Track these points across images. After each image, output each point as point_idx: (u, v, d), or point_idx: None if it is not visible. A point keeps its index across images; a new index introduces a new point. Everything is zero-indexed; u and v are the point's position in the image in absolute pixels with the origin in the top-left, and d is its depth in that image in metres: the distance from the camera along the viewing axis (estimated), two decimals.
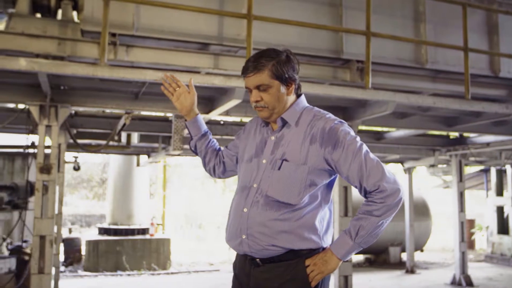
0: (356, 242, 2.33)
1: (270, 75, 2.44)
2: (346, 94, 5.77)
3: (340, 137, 2.37)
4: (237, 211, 2.50)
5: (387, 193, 2.29)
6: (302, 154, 2.40)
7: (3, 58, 4.54)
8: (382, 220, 2.30)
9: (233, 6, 6.08)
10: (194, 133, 2.85)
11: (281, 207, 2.39)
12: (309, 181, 2.39)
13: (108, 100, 5.92)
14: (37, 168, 5.38)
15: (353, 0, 6.66)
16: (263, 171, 2.47)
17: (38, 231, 5.31)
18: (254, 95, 2.48)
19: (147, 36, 5.70)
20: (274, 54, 2.50)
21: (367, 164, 2.33)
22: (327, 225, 2.49)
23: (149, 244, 13.04)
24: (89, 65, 4.85)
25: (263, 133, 2.60)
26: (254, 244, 2.41)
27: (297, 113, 2.51)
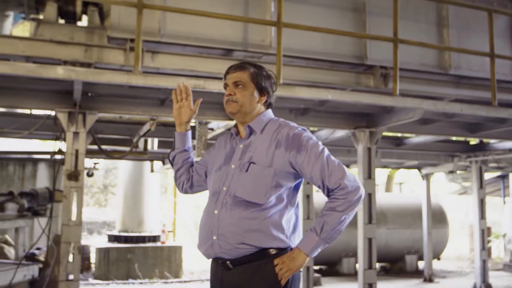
0: (322, 237, 2.52)
1: (249, 77, 2.74)
2: (375, 101, 5.94)
3: (303, 142, 2.62)
4: (208, 214, 2.70)
5: (348, 190, 2.51)
6: (268, 158, 2.64)
7: (41, 66, 4.72)
8: (344, 215, 2.50)
9: (258, 12, 6.25)
10: (177, 146, 3.04)
11: (249, 207, 2.59)
12: (275, 182, 2.61)
13: (134, 107, 6.10)
14: (64, 174, 5.55)
15: (377, 6, 6.84)
16: (232, 175, 2.69)
17: (66, 238, 5.48)
18: (229, 89, 2.75)
19: (172, 42, 5.89)
20: (257, 66, 2.83)
21: (328, 165, 2.56)
22: (293, 227, 2.68)
23: (160, 251, 13.19)
24: (124, 73, 5.03)
25: (232, 144, 2.84)
26: (225, 244, 2.58)
27: (263, 122, 2.77)
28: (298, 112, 6.93)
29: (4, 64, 4.58)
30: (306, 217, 9.19)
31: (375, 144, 7.06)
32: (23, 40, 5.45)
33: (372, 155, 7.01)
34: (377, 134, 7.00)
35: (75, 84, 5.01)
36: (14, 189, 10.75)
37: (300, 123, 7.02)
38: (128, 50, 5.64)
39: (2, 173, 11.81)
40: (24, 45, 5.40)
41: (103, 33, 5.77)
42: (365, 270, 6.81)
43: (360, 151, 7.05)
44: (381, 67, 6.70)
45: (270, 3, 6.25)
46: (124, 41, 5.76)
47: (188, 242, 17.44)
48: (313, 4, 6.49)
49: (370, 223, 6.89)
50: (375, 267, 6.83)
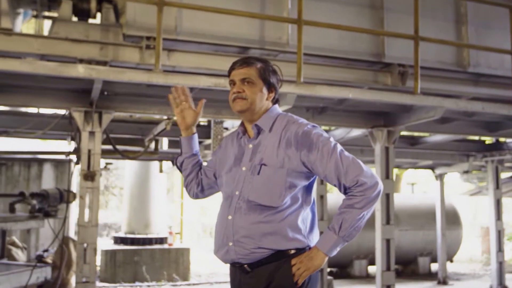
0: (340, 236, 2.50)
1: (257, 73, 2.69)
2: (395, 100, 5.99)
3: (314, 139, 2.57)
4: (222, 220, 2.69)
5: (366, 186, 2.47)
6: (279, 158, 2.60)
7: (62, 65, 4.78)
8: (363, 212, 2.48)
9: (274, 9, 6.31)
10: (185, 151, 3.01)
11: (264, 210, 2.57)
12: (288, 183, 2.58)
13: (150, 106, 6.16)
14: (80, 175, 5.60)
15: (394, 2, 6.88)
16: (244, 177, 2.67)
17: (82, 239, 5.54)
18: (237, 86, 2.69)
19: (188, 40, 5.94)
20: (263, 60, 2.79)
21: (343, 161, 2.52)
22: (310, 225, 2.67)
23: (167, 254, 13.22)
24: (145, 72, 5.09)
25: (240, 143, 2.79)
26: (241, 250, 2.58)
27: (271, 119, 2.72)
28: (315, 111, 6.99)
29: (24, 63, 4.63)
30: (320, 218, 9.24)
31: (393, 143, 7.11)
32: (38, 38, 5.51)
33: (390, 155, 7.06)
34: (395, 133, 7.06)
35: (95, 83, 5.07)
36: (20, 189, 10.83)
37: (317, 122, 7.09)
38: (144, 48, 5.69)
39: (7, 174, 11.86)
40: (38, 43, 5.45)
41: (118, 30, 5.82)
42: (383, 272, 6.86)
43: (377, 150, 7.11)
44: (398, 65, 6.74)
45: (287, 0, 6.30)
46: (140, 38, 5.82)
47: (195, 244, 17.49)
48: (330, 1, 6.54)
49: (388, 224, 6.95)
50: (393, 269, 6.88)
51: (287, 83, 5.57)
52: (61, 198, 7.54)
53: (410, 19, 6.73)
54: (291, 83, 5.55)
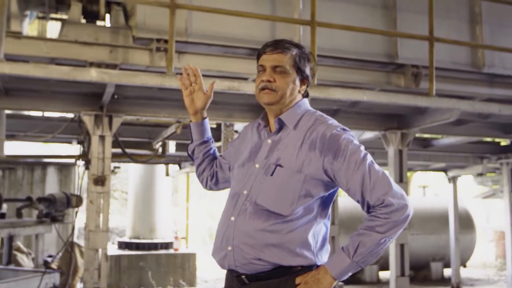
0: (354, 261, 2.24)
1: (291, 63, 2.43)
2: (411, 102, 6.08)
3: (342, 145, 2.31)
4: (224, 220, 2.46)
5: (393, 208, 2.22)
6: (299, 161, 2.35)
7: (74, 69, 4.88)
8: (385, 237, 2.22)
9: (286, 10, 6.41)
10: (195, 138, 2.79)
11: (271, 217, 2.34)
12: (304, 191, 2.34)
13: (160, 109, 6.26)
14: (91, 179, 5.71)
15: (407, 2, 6.98)
16: (255, 176, 2.43)
17: (93, 244, 5.64)
18: (267, 74, 2.41)
19: (199, 42, 6.05)
20: (298, 46, 2.52)
21: (371, 176, 2.26)
22: (322, 241, 2.43)
23: (173, 259, 13.31)
24: (158, 75, 5.19)
25: (259, 135, 2.57)
26: (239, 257, 2.35)
27: (297, 115, 2.47)
28: (327, 113, 7.04)
29: (37, 67, 4.74)
30: (331, 222, 9.30)
31: (407, 146, 7.20)
32: (47, 41, 5.63)
33: (404, 158, 7.15)
34: (409, 136, 7.14)
35: (108, 87, 5.17)
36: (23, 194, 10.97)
37: None
38: (155, 50, 5.80)
39: (10, 178, 12.00)
40: (48, 46, 5.58)
41: (128, 33, 5.94)
42: (398, 277, 6.94)
43: (391, 153, 7.19)
44: (412, 66, 6.83)
45: (298, 1, 6.40)
46: (149, 41, 5.94)
47: (201, 249, 17.57)
48: (342, 1, 6.63)
49: None
50: (407, 274, 6.96)
51: None
52: (68, 202, 7.66)
53: (423, 18, 6.82)
54: None
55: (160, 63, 5.86)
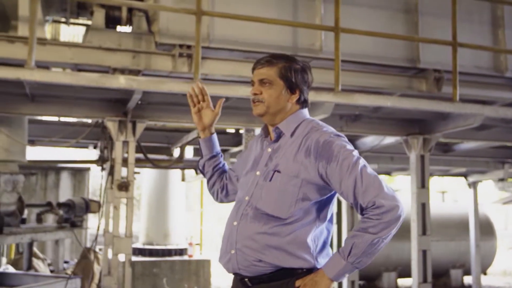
0: (349, 262, 2.39)
1: (277, 73, 2.61)
2: (434, 108, 6.24)
3: (334, 151, 2.46)
4: (228, 226, 2.64)
5: (384, 210, 2.35)
6: (295, 166, 2.52)
7: (103, 76, 5.09)
8: (377, 238, 2.36)
9: (307, 15, 6.58)
10: (205, 153, 2.98)
11: (270, 221, 2.50)
12: (302, 194, 2.50)
13: (183, 115, 6.45)
14: (115, 185, 5.91)
15: (429, 6, 7.12)
16: (256, 183, 2.62)
17: (117, 250, 5.83)
18: (255, 88, 2.64)
19: (220, 47, 6.23)
20: (290, 59, 2.70)
21: (363, 179, 2.41)
22: (322, 244, 2.57)
23: (188, 265, 13.43)
24: (184, 82, 5.40)
25: (261, 145, 2.76)
26: (242, 260, 2.51)
27: (294, 123, 2.64)
28: (349, 118, 7.25)
29: (66, 74, 4.97)
30: (351, 228, 9.50)
31: (429, 151, 7.34)
32: (71, 47, 5.83)
33: (426, 163, 7.30)
34: (431, 141, 7.29)
35: (135, 94, 5.36)
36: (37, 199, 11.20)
37: (351, 130, 7.36)
38: (177, 56, 5.99)
39: (24, 183, 12.20)
40: (72, 52, 5.78)
41: (150, 38, 6.13)
42: (420, 284, 7.09)
43: (412, 158, 7.34)
44: (434, 71, 6.98)
45: (320, 5, 6.57)
46: (172, 46, 6.13)
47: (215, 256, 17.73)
48: (363, 6, 6.79)
49: (424, 234, 7.18)
50: (430, 281, 7.11)
51: (325, 92, 5.82)
52: (87, 208, 7.87)
53: (445, 22, 6.98)
54: (329, 91, 5.80)
55: (183, 68, 6.05)
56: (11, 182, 6.49)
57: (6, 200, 6.45)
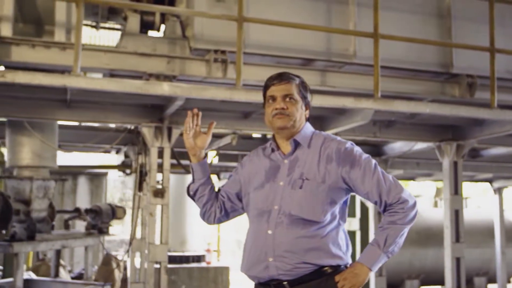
0: (384, 252, 2.73)
1: (296, 90, 2.87)
2: (473, 114, 6.35)
3: (356, 157, 2.82)
4: (259, 235, 2.81)
5: (408, 205, 2.76)
6: (321, 173, 2.80)
7: (147, 83, 5.23)
8: (404, 228, 2.75)
9: (341, 20, 6.70)
10: (198, 177, 3.02)
11: (306, 225, 2.75)
12: (330, 199, 2.79)
13: (217, 120, 6.43)
14: (150, 191, 6.04)
15: (462, 10, 7.23)
16: (282, 192, 2.82)
17: (153, 257, 5.96)
18: (279, 102, 2.82)
19: (255, 53, 6.35)
20: (297, 76, 2.97)
21: (385, 180, 2.79)
22: (346, 243, 2.87)
23: (206, 273, 13.51)
24: (227, 89, 5.53)
25: (271, 159, 2.94)
26: (283, 265, 2.71)
27: (308, 136, 2.92)
28: (382, 124, 7.35)
29: (112, 81, 5.10)
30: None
31: (462, 157, 7.44)
32: (107, 52, 5.97)
33: (459, 170, 7.40)
34: (465, 148, 7.39)
35: (178, 100, 5.48)
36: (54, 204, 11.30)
37: (384, 135, 7.48)
38: (212, 61, 6.11)
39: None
40: (107, 57, 5.92)
41: (184, 43, 6.25)
42: None
43: (446, 165, 7.44)
44: (467, 76, 7.08)
45: (353, 10, 6.69)
46: (205, 52, 6.25)
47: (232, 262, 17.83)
48: (396, 10, 6.90)
49: (458, 241, 7.27)
50: None
51: (365, 98, 5.93)
52: (113, 214, 8.00)
53: (478, 27, 7.13)
54: (368, 98, 5.91)
55: (217, 74, 6.17)
56: (42, 188, 6.62)
57: (37, 206, 6.57)
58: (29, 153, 6.47)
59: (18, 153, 6.51)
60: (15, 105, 5.92)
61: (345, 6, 6.75)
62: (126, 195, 32.47)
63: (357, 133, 7.11)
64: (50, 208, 6.80)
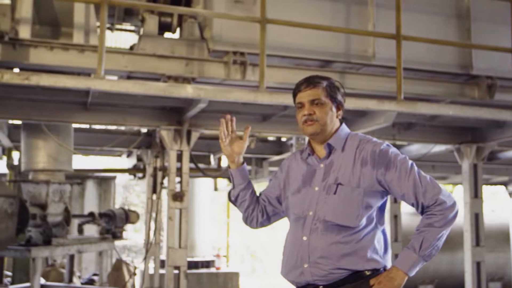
0: (420, 255, 2.69)
1: (324, 93, 2.86)
2: (496, 116, 6.38)
3: (391, 158, 2.79)
4: (296, 241, 2.84)
5: (446, 206, 2.70)
6: (355, 177, 2.79)
7: (171, 85, 5.29)
8: (442, 231, 2.69)
9: (359, 21, 6.76)
10: (238, 182, 3.08)
11: (341, 231, 2.75)
12: (365, 203, 2.78)
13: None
14: (169, 195, 6.08)
15: (481, 12, 7.28)
16: (317, 197, 2.83)
17: (173, 261, 6.00)
18: (307, 108, 2.84)
19: (275, 54, 6.40)
20: (326, 78, 2.96)
21: (421, 180, 2.74)
22: (384, 246, 2.86)
23: (215, 278, 13.55)
24: (251, 91, 5.58)
25: (308, 163, 2.96)
26: (318, 271, 2.74)
27: (342, 138, 2.91)
28: (401, 126, 7.39)
29: (136, 84, 5.15)
30: (394, 239, 9.62)
31: (482, 160, 7.48)
32: (125, 54, 6.02)
33: (479, 172, 7.44)
34: (485, 150, 7.43)
35: (201, 103, 5.53)
36: None
37: (404, 138, 7.53)
38: (231, 63, 6.16)
39: None
40: (126, 59, 5.98)
41: (203, 45, 6.31)
42: None
43: (465, 167, 7.48)
44: (486, 77, 7.13)
45: (372, 11, 6.74)
46: (224, 53, 6.30)
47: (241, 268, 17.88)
48: (416, 12, 6.95)
49: (478, 245, 7.31)
50: None
51: (388, 100, 5.98)
52: (127, 218, 8.04)
53: (497, 27, 7.22)
54: (391, 100, 5.95)
55: (236, 76, 6.23)
56: (58, 192, 6.66)
57: (53, 211, 6.60)
58: (45, 157, 6.52)
59: (34, 157, 6.55)
60: (33, 108, 5.97)
61: (364, 7, 6.81)
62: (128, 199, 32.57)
63: (377, 136, 7.02)
64: (65, 212, 6.83)
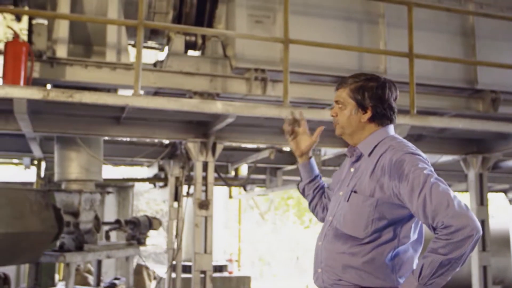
0: (420, 283, 2.35)
1: (349, 94, 2.68)
2: (502, 129, 6.58)
3: (405, 170, 2.45)
4: (316, 245, 2.76)
5: (452, 229, 2.29)
6: (371, 186, 2.55)
7: (203, 102, 5.51)
8: (447, 259, 2.30)
9: (371, 39, 6.97)
10: (304, 177, 3.07)
11: (348, 240, 2.57)
12: (378, 214, 2.52)
13: (258, 135, 6.82)
14: (195, 203, 6.28)
15: (485, 29, 7.49)
16: (339, 203, 2.70)
17: (199, 266, 6.20)
18: (332, 110, 2.77)
19: (292, 71, 6.59)
20: (364, 78, 2.73)
21: (432, 198, 2.35)
22: (405, 265, 2.57)
23: (228, 282, 13.67)
24: (276, 107, 5.78)
25: (347, 165, 2.84)
26: (327, 278, 2.63)
27: (372, 143, 2.67)
28: (412, 138, 7.56)
29: (171, 101, 5.37)
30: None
31: (487, 170, 7.67)
32: (154, 71, 6.25)
33: (484, 181, 7.63)
34: (490, 160, 7.63)
35: (229, 117, 5.74)
36: None
37: None
38: (253, 79, 6.37)
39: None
40: (155, 76, 6.23)
41: (225, 63, 6.54)
42: None
43: (471, 177, 7.67)
44: (490, 91, 7.34)
45: (383, 29, 6.96)
46: (246, 70, 6.52)
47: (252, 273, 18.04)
48: (423, 29, 7.13)
49: (484, 250, 7.48)
50: None
51: (402, 114, 6.17)
52: (150, 225, 8.23)
53: (501, 44, 7.41)
54: (405, 114, 6.15)
55: (257, 91, 6.45)
56: (89, 200, 6.87)
57: (84, 218, 6.81)
58: (77, 168, 6.73)
59: (67, 168, 6.76)
60: (69, 122, 6.18)
61: (375, 26, 7.03)
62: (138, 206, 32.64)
63: None
64: (95, 220, 7.04)
